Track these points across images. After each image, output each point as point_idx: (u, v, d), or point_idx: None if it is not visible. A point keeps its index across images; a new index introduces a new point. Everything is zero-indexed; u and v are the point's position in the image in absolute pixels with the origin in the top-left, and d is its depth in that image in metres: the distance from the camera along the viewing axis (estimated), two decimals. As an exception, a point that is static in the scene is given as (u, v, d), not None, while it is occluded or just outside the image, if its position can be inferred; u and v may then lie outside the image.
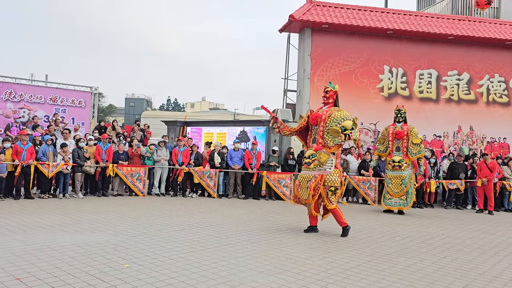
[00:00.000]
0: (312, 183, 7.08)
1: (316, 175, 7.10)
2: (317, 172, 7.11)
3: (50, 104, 14.72)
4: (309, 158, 7.21)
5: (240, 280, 4.56)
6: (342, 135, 6.96)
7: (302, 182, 7.29)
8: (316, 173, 7.11)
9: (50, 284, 4.20)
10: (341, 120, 7.01)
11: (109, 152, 11.24)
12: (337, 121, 7.02)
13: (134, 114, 57.78)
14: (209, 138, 13.86)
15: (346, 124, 6.98)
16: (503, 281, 5.05)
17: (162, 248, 5.78)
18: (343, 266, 5.31)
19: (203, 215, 8.80)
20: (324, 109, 7.39)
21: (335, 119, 7.05)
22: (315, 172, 7.13)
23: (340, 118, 7.04)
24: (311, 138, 7.41)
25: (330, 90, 7.48)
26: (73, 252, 5.36)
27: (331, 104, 7.43)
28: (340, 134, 6.95)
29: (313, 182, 7.07)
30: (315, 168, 7.14)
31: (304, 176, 7.28)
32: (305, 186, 7.17)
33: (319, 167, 7.12)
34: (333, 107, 7.38)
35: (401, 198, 10.19)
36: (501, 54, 14.81)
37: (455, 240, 7.40)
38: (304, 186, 7.19)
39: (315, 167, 7.14)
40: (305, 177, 7.24)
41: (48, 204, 9.39)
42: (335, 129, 6.95)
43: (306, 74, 13.61)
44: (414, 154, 10.16)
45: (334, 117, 7.07)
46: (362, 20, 13.62)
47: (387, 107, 13.57)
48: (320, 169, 7.12)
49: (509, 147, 14.71)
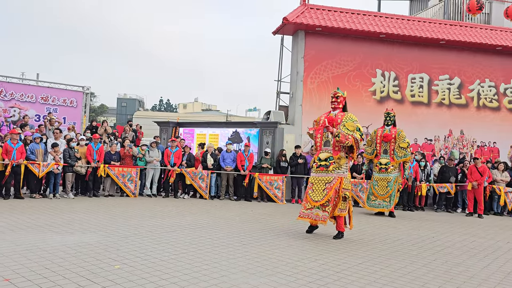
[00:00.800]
0: (333, 184, 7.13)
1: (336, 177, 7.18)
2: (336, 175, 7.20)
3: (41, 104, 14.60)
4: (327, 161, 7.26)
5: (231, 281, 4.56)
6: (357, 133, 7.16)
7: (316, 184, 7.26)
8: (335, 175, 7.19)
9: (40, 285, 4.16)
10: (356, 121, 7.30)
11: (101, 153, 11.17)
12: (353, 120, 7.30)
13: (126, 114, 57.49)
14: (202, 139, 13.83)
15: (360, 127, 7.30)
16: (492, 284, 5.10)
17: (153, 249, 5.75)
18: (335, 268, 5.32)
19: (194, 216, 8.77)
20: (335, 113, 7.54)
21: (352, 118, 7.33)
22: (334, 174, 7.20)
23: (355, 119, 7.35)
24: (322, 141, 7.46)
25: (341, 95, 7.63)
26: (63, 253, 5.31)
27: (340, 109, 7.62)
28: (355, 131, 7.15)
29: (335, 184, 7.14)
30: (334, 171, 7.21)
31: (321, 178, 7.26)
32: (321, 188, 7.18)
33: (338, 170, 7.22)
34: (341, 112, 7.56)
35: (384, 200, 10.29)
36: (491, 59, 14.98)
37: (445, 243, 7.46)
38: (321, 187, 7.19)
39: (334, 169, 7.21)
40: (322, 179, 7.24)
41: (38, 204, 9.30)
42: (351, 124, 7.20)
43: (299, 77, 13.65)
44: (399, 158, 10.28)
45: (350, 117, 7.35)
46: (355, 24, 13.69)
47: (379, 111, 13.62)
48: (339, 172, 7.22)
49: (499, 152, 14.86)
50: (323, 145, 7.43)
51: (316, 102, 13.60)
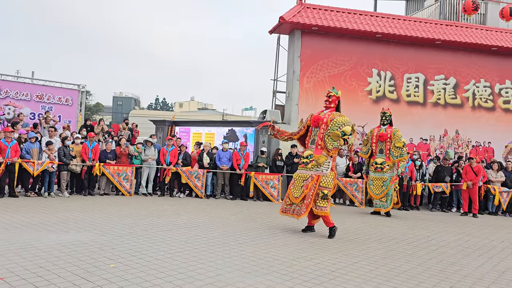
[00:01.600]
0: (309, 182, 7.22)
1: (313, 175, 7.25)
2: (314, 172, 7.26)
3: (36, 102, 14.51)
4: (307, 158, 7.36)
5: (227, 280, 4.55)
6: (342, 139, 7.12)
7: (297, 180, 7.40)
8: (313, 173, 7.26)
9: (34, 284, 4.14)
10: (342, 125, 7.20)
11: (96, 151, 11.12)
12: (338, 126, 7.20)
13: (122, 113, 57.35)
14: (198, 138, 13.81)
15: (346, 129, 7.17)
16: (486, 283, 5.12)
17: (148, 248, 5.74)
18: (330, 267, 5.33)
19: (190, 215, 8.76)
20: (325, 112, 7.56)
21: (337, 123, 7.23)
22: (312, 172, 7.28)
23: (341, 123, 7.23)
24: (310, 139, 7.55)
25: (333, 95, 7.65)
26: (58, 252, 5.29)
27: (332, 109, 7.62)
28: (339, 138, 7.12)
29: (310, 182, 7.21)
30: (312, 168, 7.29)
31: (300, 175, 7.41)
32: (300, 185, 7.30)
33: (316, 168, 7.27)
34: (335, 111, 7.55)
35: (381, 200, 10.32)
36: (487, 60, 15.06)
37: (440, 242, 7.49)
38: (299, 184, 7.31)
39: (313, 167, 7.28)
40: (301, 176, 7.38)
41: (33, 202, 9.25)
42: (336, 133, 7.12)
43: (295, 76, 13.66)
44: (395, 157, 10.30)
45: (336, 121, 7.25)
46: (352, 23, 13.71)
47: (375, 110, 13.66)
48: (317, 170, 7.26)
49: (494, 151, 14.94)
50: (310, 143, 7.54)
51: (312, 102, 13.61)
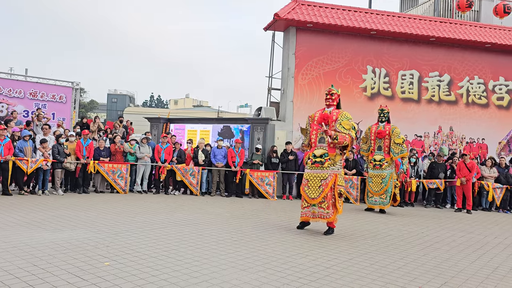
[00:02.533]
0: (329, 181, 7.13)
1: (331, 174, 7.18)
2: (331, 171, 7.20)
3: (30, 99, 14.41)
4: (321, 158, 7.24)
5: (222, 278, 4.56)
6: (352, 131, 7.21)
7: (312, 181, 7.25)
8: (330, 172, 7.20)
9: (28, 282, 4.12)
10: (350, 119, 7.34)
11: (90, 149, 11.07)
12: (348, 119, 7.32)
13: (117, 110, 57.11)
14: (193, 135, 13.79)
15: (355, 126, 7.37)
16: (480, 278, 5.16)
17: (143, 245, 5.73)
18: (325, 264, 5.35)
19: (185, 213, 8.75)
20: (330, 110, 7.50)
21: (347, 117, 7.34)
22: (329, 171, 7.20)
23: (350, 117, 7.38)
24: (317, 137, 7.46)
25: (335, 93, 7.63)
26: (52, 250, 5.27)
27: (334, 106, 7.60)
28: (351, 130, 7.19)
29: (330, 181, 7.13)
30: (329, 167, 7.21)
31: (315, 175, 7.25)
32: (317, 185, 7.18)
33: (333, 166, 7.23)
34: (336, 109, 7.55)
35: (381, 197, 10.34)
36: (480, 57, 15.11)
37: (434, 238, 7.53)
38: (316, 184, 7.19)
39: (329, 166, 7.21)
40: (317, 176, 7.23)
41: (26, 200, 9.21)
42: (348, 122, 7.22)
43: (290, 73, 13.65)
44: (396, 154, 10.29)
45: (346, 115, 7.35)
46: (346, 20, 13.71)
47: (370, 107, 13.72)
48: (333, 168, 7.23)
49: (488, 148, 15.03)
50: (318, 142, 7.44)
51: (307, 99, 13.62)
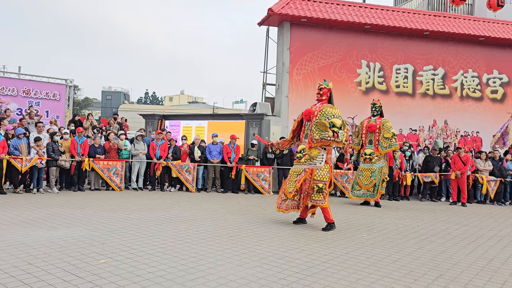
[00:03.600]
0: (302, 176, 7.19)
1: (306, 169, 7.22)
2: (307, 166, 7.23)
3: (23, 97, 14.32)
4: (301, 153, 7.33)
5: (218, 273, 4.55)
6: (330, 130, 7.00)
7: (292, 175, 7.40)
8: (306, 166, 7.23)
9: (23, 281, 4.10)
10: (331, 116, 7.10)
11: (85, 146, 11.02)
12: (326, 116, 7.11)
13: (111, 108, 56.84)
14: (188, 132, 13.76)
15: (335, 121, 7.05)
16: (475, 270, 5.19)
17: (139, 242, 5.71)
18: (321, 258, 5.36)
19: (181, 209, 8.74)
20: (317, 105, 7.50)
21: (325, 113, 7.15)
22: (305, 165, 7.24)
23: (330, 114, 7.14)
24: (304, 133, 7.51)
25: (324, 87, 7.57)
26: (47, 248, 5.24)
27: (324, 101, 7.54)
28: (327, 129, 7.01)
29: (303, 176, 7.18)
30: (305, 162, 7.26)
31: (294, 170, 7.40)
32: (293, 179, 7.28)
33: (310, 161, 7.24)
34: (327, 104, 7.48)
35: (368, 190, 10.38)
36: (474, 50, 15.16)
37: (429, 231, 7.57)
38: (293, 179, 7.29)
39: (306, 161, 7.26)
40: (295, 170, 7.36)
41: (21, 199, 9.16)
42: (323, 122, 7.04)
43: (285, 68, 13.63)
44: (384, 148, 10.32)
45: (325, 112, 7.18)
46: (341, 15, 13.70)
47: (365, 101, 13.73)
48: (310, 163, 7.23)
49: (482, 141, 15.11)
50: (304, 138, 7.49)
51: (302, 94, 13.62)
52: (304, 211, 7.60)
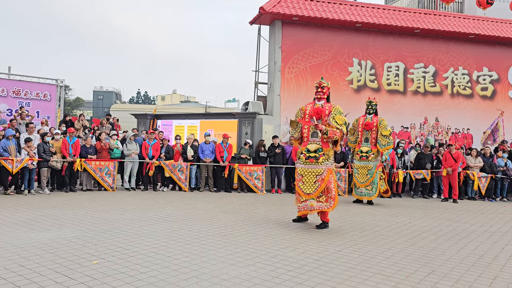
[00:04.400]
0: (325, 175, 7.14)
1: (326, 169, 7.19)
2: (325, 167, 7.21)
3: (13, 97, 14.20)
4: (316, 152, 7.23)
5: (211, 273, 4.56)
6: (344, 126, 7.26)
7: (306, 176, 7.24)
8: (325, 167, 7.20)
9: (15, 283, 4.07)
10: (342, 114, 7.40)
11: (76, 147, 10.95)
12: (340, 112, 7.38)
13: (103, 107, 56.48)
14: (180, 131, 13.72)
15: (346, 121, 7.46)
16: (466, 266, 5.24)
17: (132, 243, 5.70)
18: (314, 256, 5.38)
19: (174, 209, 8.72)
20: (322, 104, 7.47)
21: (340, 111, 7.39)
22: (323, 166, 7.20)
23: (342, 111, 7.43)
24: (310, 132, 7.43)
25: (326, 85, 7.62)
26: (39, 250, 5.21)
27: (325, 100, 7.59)
28: (343, 125, 7.24)
29: (326, 176, 7.14)
30: (323, 162, 7.21)
31: (310, 170, 7.23)
32: (312, 180, 7.18)
33: (327, 162, 7.24)
34: (327, 102, 7.56)
35: (367, 188, 10.43)
36: (465, 48, 15.27)
37: (421, 228, 7.63)
38: (311, 180, 7.19)
39: (323, 161, 7.22)
40: (312, 171, 7.22)
41: (12, 200, 9.08)
42: (341, 117, 7.29)
43: (277, 67, 13.63)
44: (383, 146, 10.37)
45: (339, 110, 7.40)
46: (332, 13, 13.72)
47: (357, 99, 13.79)
48: (327, 163, 7.24)
49: (473, 138, 15.24)
50: (311, 136, 7.43)
51: (294, 92, 13.63)
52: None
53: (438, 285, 4.49)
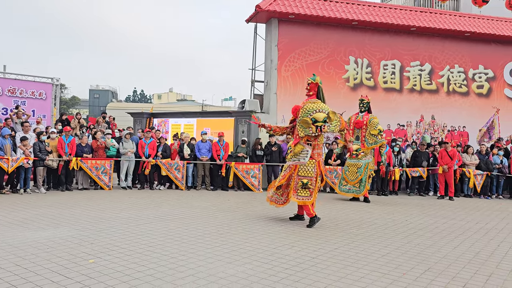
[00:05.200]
0: (286, 172, 7.36)
1: (291, 165, 7.35)
2: (292, 162, 7.36)
3: (8, 96, 14.11)
4: (289, 149, 7.61)
5: (208, 271, 4.55)
6: (313, 126, 6.99)
7: (282, 171, 7.69)
8: (291, 163, 7.36)
9: (10, 282, 4.05)
10: (312, 112, 7.09)
11: (72, 145, 10.90)
12: (308, 112, 7.11)
13: (99, 106, 56.33)
14: (177, 130, 13.69)
15: (317, 116, 7.01)
16: (462, 263, 5.26)
17: (128, 241, 5.68)
18: (311, 254, 5.39)
19: (171, 207, 8.71)
20: (304, 101, 7.54)
21: (307, 110, 7.15)
22: (290, 162, 7.41)
23: (312, 109, 7.12)
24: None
25: (310, 82, 7.54)
26: (35, 249, 5.19)
27: (312, 96, 7.50)
28: (310, 125, 7.01)
29: (288, 172, 7.34)
30: (290, 159, 7.42)
31: (285, 166, 7.63)
32: (355, 171, 7.93)
33: (294, 158, 7.35)
34: (312, 99, 7.43)
35: (354, 186, 10.46)
36: (460, 46, 15.30)
37: (418, 225, 7.65)
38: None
39: (291, 157, 7.41)
40: (285, 167, 7.59)
41: (8, 200, 9.04)
42: (305, 119, 7.08)
43: (273, 65, 13.62)
44: (370, 144, 10.42)
45: (306, 109, 7.18)
46: (328, 11, 13.72)
47: (353, 97, 13.78)
48: (295, 160, 7.32)
49: (468, 135, 15.29)
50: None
51: (290, 90, 13.62)
52: (300, 208, 7.57)
53: (435, 282, 4.51)
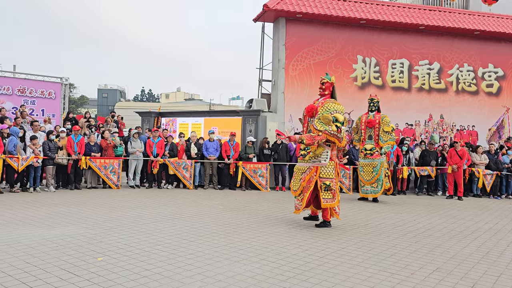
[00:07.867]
0: (306, 175, 7.04)
1: (311, 167, 7.06)
2: (311, 164, 7.07)
3: (18, 96, 14.26)
4: (305, 150, 7.15)
5: (216, 270, 4.57)
6: (333, 125, 6.85)
7: (296, 173, 7.24)
8: (311, 164, 7.08)
9: (21, 280, 4.10)
10: (333, 111, 6.96)
11: (81, 144, 10.99)
12: (330, 111, 6.96)
13: (107, 105, 56.73)
14: (184, 129, 13.74)
15: (338, 116, 6.91)
16: (471, 263, 5.23)
17: (137, 240, 5.72)
18: (318, 253, 5.38)
19: (179, 206, 8.74)
20: (320, 100, 7.35)
21: (329, 108, 7.00)
22: (310, 163, 7.10)
23: (333, 109, 6.99)
24: (307, 130, 7.33)
25: (326, 81, 7.42)
26: (44, 247, 5.24)
27: (327, 96, 7.39)
28: (331, 123, 6.85)
29: (308, 174, 7.03)
30: (309, 160, 7.10)
31: (299, 167, 7.23)
32: (298, 178, 7.14)
33: (314, 159, 7.07)
34: (329, 98, 7.33)
35: (372, 186, 10.40)
36: (470, 44, 15.16)
37: (426, 225, 7.60)
38: (298, 177, 7.14)
39: (310, 159, 7.09)
40: (300, 168, 7.20)
41: (18, 198, 9.13)
42: (326, 116, 6.88)
43: (281, 64, 13.61)
44: (385, 141, 10.36)
45: (328, 107, 7.02)
46: (336, 10, 13.67)
47: (361, 97, 13.74)
48: (315, 161, 7.06)
49: (478, 135, 15.15)
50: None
51: (298, 89, 13.61)
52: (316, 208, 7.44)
53: (443, 282, 4.48)
